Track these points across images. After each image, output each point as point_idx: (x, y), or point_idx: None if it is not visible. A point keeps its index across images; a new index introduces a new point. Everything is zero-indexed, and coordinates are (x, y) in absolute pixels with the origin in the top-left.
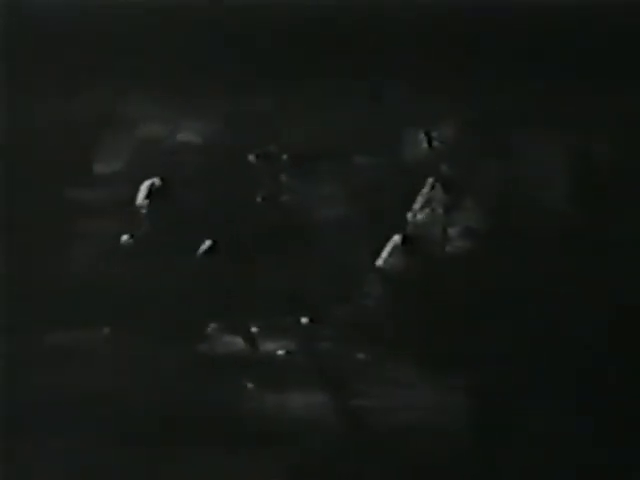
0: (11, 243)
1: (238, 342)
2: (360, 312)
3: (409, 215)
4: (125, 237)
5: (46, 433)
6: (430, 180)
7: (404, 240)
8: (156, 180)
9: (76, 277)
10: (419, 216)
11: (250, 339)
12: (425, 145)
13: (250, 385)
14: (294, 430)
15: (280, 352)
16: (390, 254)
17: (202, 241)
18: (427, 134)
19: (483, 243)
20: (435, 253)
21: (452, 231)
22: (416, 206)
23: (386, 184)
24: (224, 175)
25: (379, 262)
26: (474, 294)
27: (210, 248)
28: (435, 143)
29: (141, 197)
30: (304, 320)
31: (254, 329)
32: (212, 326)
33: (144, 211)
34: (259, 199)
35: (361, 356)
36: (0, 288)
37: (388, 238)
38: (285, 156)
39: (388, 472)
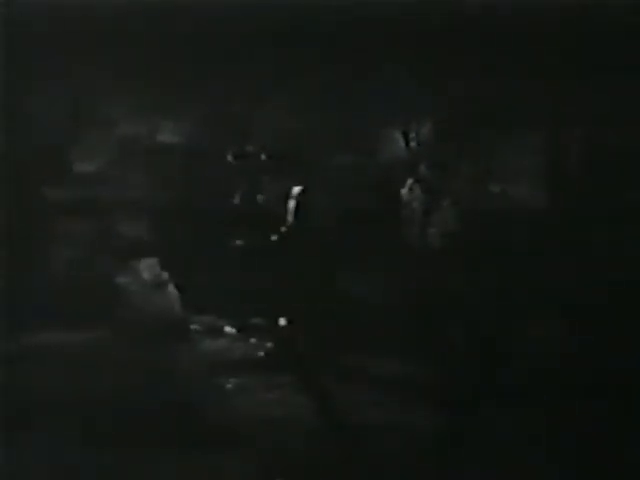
0: None
1: (218, 343)
2: (339, 312)
3: (389, 216)
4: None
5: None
6: (409, 181)
7: (383, 239)
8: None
9: (57, 277)
10: (398, 217)
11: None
12: (402, 145)
13: (229, 385)
14: (273, 429)
15: (260, 353)
16: (370, 254)
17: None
18: (404, 134)
19: (462, 242)
20: (413, 252)
21: (431, 231)
22: (396, 207)
23: (365, 184)
24: (203, 174)
25: (359, 261)
26: (454, 292)
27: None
28: (412, 143)
29: (292, 206)
30: (282, 321)
31: (231, 329)
32: (192, 327)
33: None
34: (237, 199)
35: (339, 356)
36: None
37: (368, 238)
38: (263, 156)
39: (367, 469)
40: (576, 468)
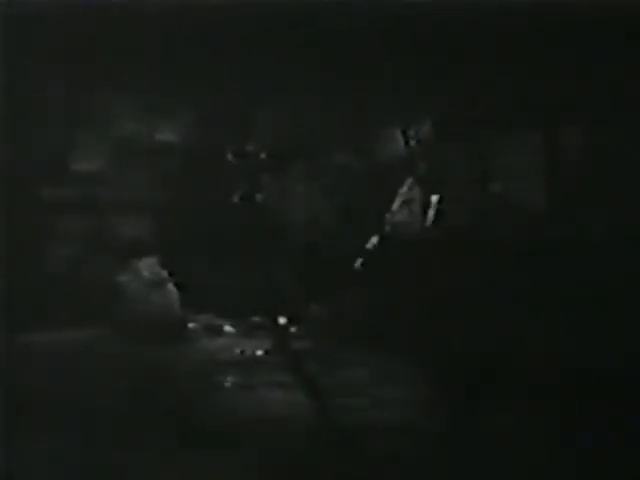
0: None
1: (217, 342)
2: (338, 310)
3: (387, 216)
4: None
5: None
6: (409, 180)
7: (382, 239)
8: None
9: (57, 277)
10: (397, 216)
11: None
12: (402, 144)
13: (228, 384)
14: (273, 429)
15: (259, 351)
16: (369, 253)
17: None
18: (404, 133)
19: (460, 241)
20: (413, 252)
21: (429, 230)
22: (395, 206)
23: (364, 183)
24: (202, 173)
25: (359, 261)
26: (451, 291)
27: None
28: (412, 142)
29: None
30: (282, 320)
31: (230, 328)
32: (191, 326)
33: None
34: (237, 198)
35: (338, 355)
36: None
37: (366, 237)
38: (263, 155)
39: (367, 469)
40: (576, 469)
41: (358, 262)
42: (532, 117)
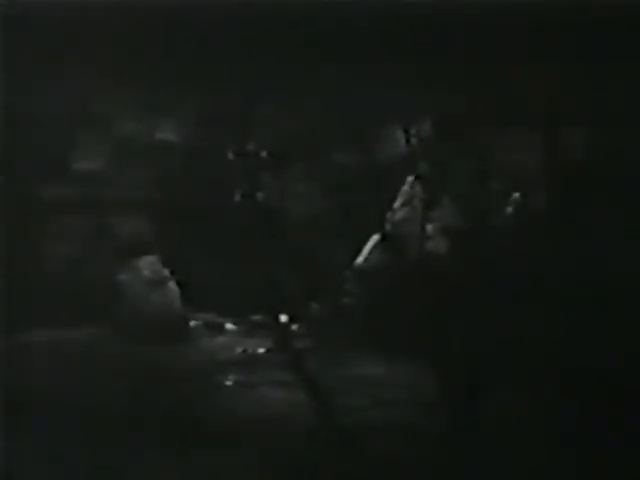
0: None
1: (219, 340)
2: (339, 310)
3: (389, 214)
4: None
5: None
6: (410, 179)
7: (383, 238)
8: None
9: (57, 276)
10: (399, 214)
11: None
12: (402, 143)
13: (229, 383)
14: (273, 429)
15: (260, 350)
16: (370, 252)
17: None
18: (405, 132)
19: (461, 240)
20: (414, 251)
21: (430, 229)
22: (396, 205)
23: (364, 183)
24: (203, 172)
25: (359, 260)
26: (452, 291)
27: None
28: (413, 140)
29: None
30: (283, 318)
31: (231, 326)
32: (193, 324)
33: None
34: (237, 197)
35: (339, 355)
36: None
37: (367, 236)
38: (264, 154)
39: (367, 469)
40: (576, 469)
41: (359, 261)
42: (532, 117)
